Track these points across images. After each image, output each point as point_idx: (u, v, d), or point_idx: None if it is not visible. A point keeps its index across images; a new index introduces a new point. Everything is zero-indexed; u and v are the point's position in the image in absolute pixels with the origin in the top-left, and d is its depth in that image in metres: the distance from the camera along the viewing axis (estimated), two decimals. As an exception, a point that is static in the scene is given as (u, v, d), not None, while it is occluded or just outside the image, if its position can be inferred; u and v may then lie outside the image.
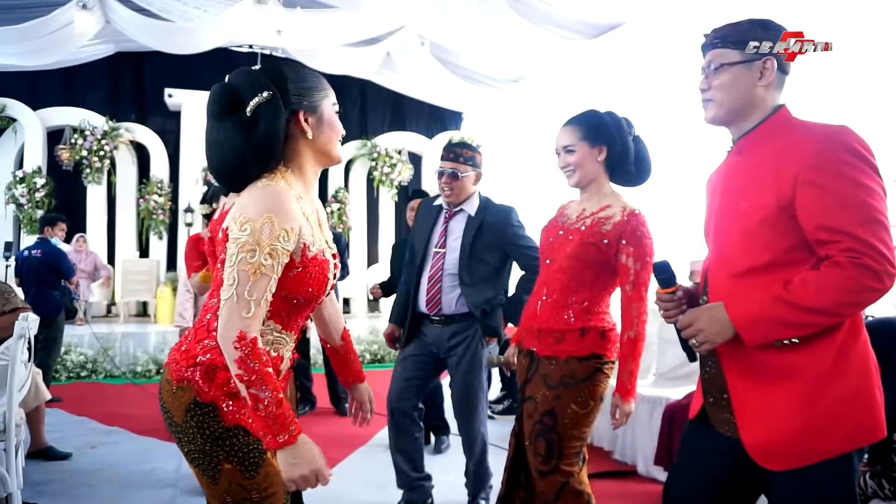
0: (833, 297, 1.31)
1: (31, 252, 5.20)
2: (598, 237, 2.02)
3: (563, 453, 2.02)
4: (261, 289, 1.28)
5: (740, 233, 1.45)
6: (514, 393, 4.96)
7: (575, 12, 6.49)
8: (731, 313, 1.39)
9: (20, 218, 7.77)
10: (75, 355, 6.19)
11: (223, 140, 1.35)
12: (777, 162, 1.40)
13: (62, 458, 3.71)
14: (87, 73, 8.33)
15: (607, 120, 2.10)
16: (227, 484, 1.36)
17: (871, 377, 1.38)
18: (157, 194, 8.20)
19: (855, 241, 1.31)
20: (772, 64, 1.45)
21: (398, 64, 8.19)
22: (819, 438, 1.35)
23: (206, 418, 1.34)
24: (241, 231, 1.28)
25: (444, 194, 2.75)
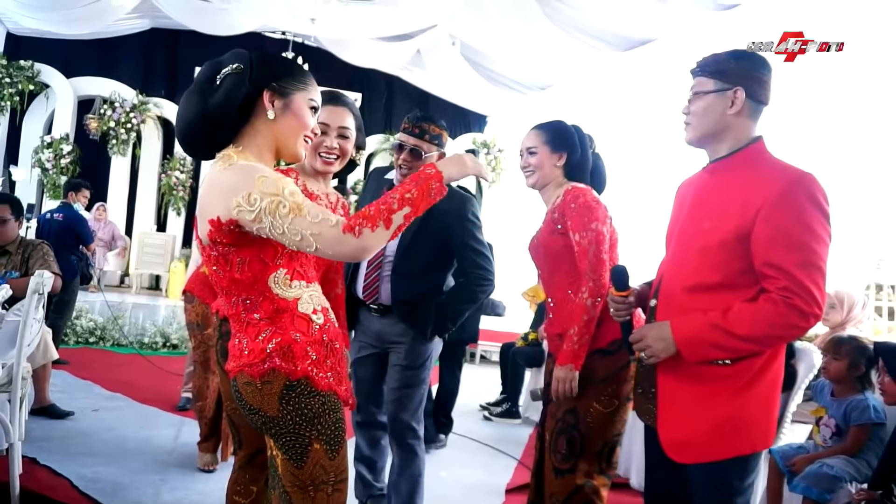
0: (763, 329, 1.51)
1: (53, 215, 5.30)
2: (552, 225, 2.11)
3: (584, 452, 2.00)
4: (315, 210, 1.30)
5: (698, 250, 1.62)
6: (514, 396, 4.96)
7: (608, 24, 6.49)
8: (674, 333, 1.59)
9: (44, 182, 7.90)
10: (85, 321, 6.29)
11: (186, 104, 1.41)
12: (744, 192, 1.55)
13: (63, 417, 3.78)
14: (122, 46, 8.44)
15: (571, 130, 2.21)
16: (313, 466, 1.39)
17: (775, 395, 1.62)
18: (180, 171, 8.30)
19: (792, 281, 1.48)
20: (741, 93, 1.59)
21: (427, 62, 8.22)
22: (725, 439, 1.56)
23: (303, 396, 1.38)
24: (253, 203, 1.28)
25: (402, 173, 2.39)
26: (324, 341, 1.44)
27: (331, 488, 1.41)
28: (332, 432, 1.42)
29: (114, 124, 8.03)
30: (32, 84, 7.91)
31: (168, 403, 4.34)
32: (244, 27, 7.46)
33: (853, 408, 2.49)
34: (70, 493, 2.75)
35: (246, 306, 1.40)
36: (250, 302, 1.40)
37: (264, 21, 7.39)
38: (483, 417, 4.90)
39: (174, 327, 6.55)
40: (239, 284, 1.39)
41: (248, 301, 1.40)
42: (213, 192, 1.35)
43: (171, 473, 3.13)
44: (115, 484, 2.91)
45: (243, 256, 1.37)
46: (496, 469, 3.71)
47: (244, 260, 1.37)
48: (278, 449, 1.42)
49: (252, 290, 1.39)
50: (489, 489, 3.37)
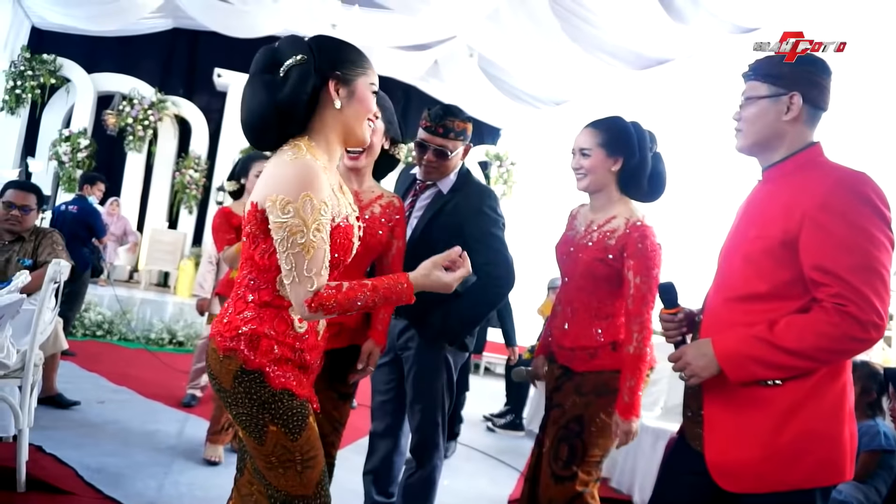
0: (813, 342, 1.34)
1: (68, 207, 5.34)
2: (603, 253, 2.00)
3: (584, 461, 1.99)
4: (318, 261, 1.36)
5: (743, 259, 1.49)
6: (518, 408, 4.95)
7: (627, 42, 6.53)
8: (715, 349, 1.44)
9: (60, 175, 7.98)
10: (94, 314, 6.31)
11: (251, 96, 1.41)
12: (791, 197, 1.43)
13: (69, 406, 3.79)
14: (143, 45, 8.55)
15: (630, 130, 2.04)
16: (273, 445, 1.42)
17: (842, 420, 1.40)
18: (194, 169, 8.36)
19: (845, 286, 1.32)
20: (798, 99, 1.47)
21: (444, 72, 8.29)
22: (778, 469, 1.38)
23: (254, 384, 1.41)
24: (284, 214, 1.32)
25: (426, 172, 2.27)
26: (295, 347, 1.46)
27: (300, 466, 1.43)
28: (288, 418, 1.43)
29: (131, 121, 8.12)
30: (54, 78, 8.01)
31: (173, 399, 4.34)
32: (264, 30, 7.55)
33: (863, 434, 2.47)
34: (75, 483, 2.75)
35: (249, 285, 1.45)
36: (253, 283, 1.45)
37: (285, 25, 7.47)
38: (487, 428, 4.89)
39: (181, 325, 6.57)
40: (254, 265, 1.44)
41: (252, 281, 1.45)
42: (266, 178, 1.40)
43: (174, 467, 3.14)
44: (119, 475, 2.91)
45: (269, 245, 1.40)
46: (499, 480, 3.70)
47: (267, 249, 1.41)
48: (235, 421, 1.47)
49: (260, 276, 1.44)
50: (492, 499, 3.36)
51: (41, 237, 3.22)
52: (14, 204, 3.11)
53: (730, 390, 1.45)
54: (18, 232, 3.16)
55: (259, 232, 1.41)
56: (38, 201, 3.18)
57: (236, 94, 8.31)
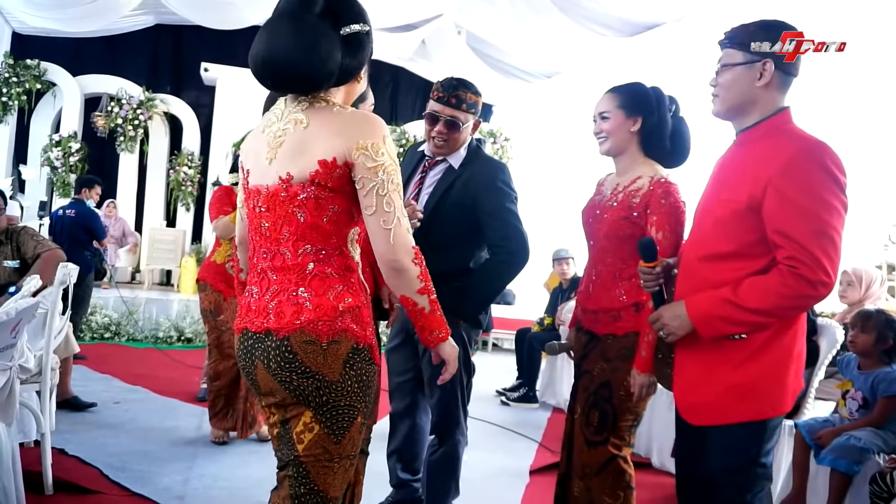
0: (773, 301, 1.52)
1: (66, 212, 5.32)
2: (628, 211, 2.02)
3: (616, 426, 2.01)
4: (402, 204, 1.34)
5: (714, 220, 1.65)
6: (531, 381, 4.99)
7: (614, 9, 6.47)
8: (688, 310, 1.62)
9: (53, 180, 7.92)
10: (100, 316, 6.32)
11: (310, 41, 1.28)
12: (758, 163, 1.57)
13: (86, 408, 3.81)
14: (127, 43, 8.45)
15: (648, 92, 2.09)
16: (349, 440, 1.36)
17: (788, 363, 1.61)
18: (188, 166, 8.31)
19: (798, 249, 1.49)
20: (770, 66, 1.59)
21: (433, 52, 8.21)
22: (733, 403, 1.60)
23: (364, 363, 1.36)
24: (379, 157, 1.29)
25: (436, 145, 2.23)
26: (372, 313, 1.44)
27: (349, 462, 1.39)
28: (370, 406, 1.42)
29: (121, 121, 8.04)
30: (39, 83, 7.91)
31: (188, 395, 4.37)
32: (250, 21, 7.45)
33: (880, 380, 2.50)
34: (101, 482, 2.78)
35: (319, 258, 1.34)
36: (325, 254, 1.34)
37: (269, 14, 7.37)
38: (500, 402, 4.92)
39: (188, 321, 6.58)
40: (319, 232, 1.33)
41: (322, 252, 1.34)
42: (327, 131, 1.31)
43: (197, 461, 3.16)
44: (144, 472, 2.93)
45: (338, 205, 1.33)
46: (518, 451, 3.73)
47: (336, 209, 1.33)
48: (317, 422, 1.34)
49: (328, 242, 1.35)
50: (512, 472, 3.39)
51: (17, 237, 3.20)
52: None
53: (699, 339, 1.63)
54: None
55: (329, 192, 1.31)
56: (2, 200, 3.18)
57: (225, 88, 8.23)
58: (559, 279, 5.40)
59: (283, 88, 1.38)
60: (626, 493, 2.03)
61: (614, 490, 2.01)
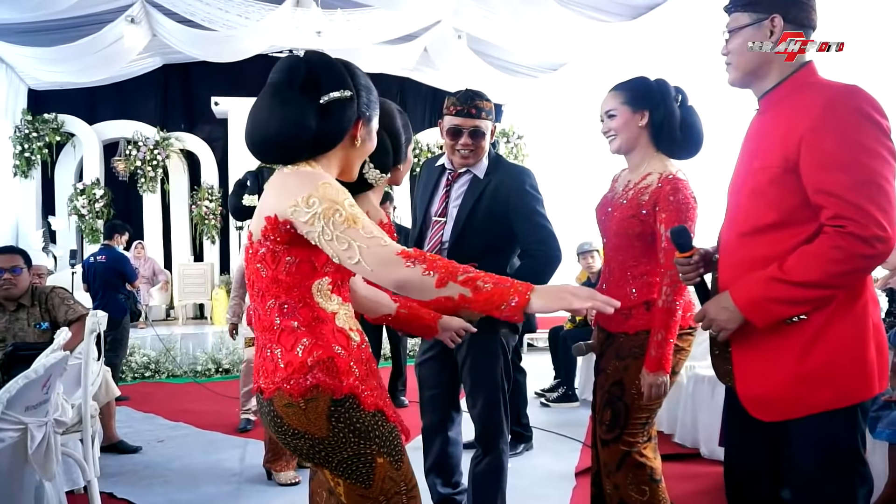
0: (823, 269, 1.34)
1: (97, 258, 5.43)
2: (637, 209, 1.99)
3: (628, 423, 2.00)
4: (371, 225, 1.26)
5: (749, 192, 1.49)
6: (569, 379, 4.92)
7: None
8: (735, 299, 1.45)
9: (82, 228, 8.12)
10: (139, 356, 6.44)
11: (287, 114, 1.32)
12: (787, 121, 1.42)
13: (133, 452, 3.87)
14: (138, 87, 8.63)
15: (652, 85, 2.05)
16: (381, 481, 1.32)
17: (866, 337, 1.41)
18: (209, 199, 8.44)
19: (843, 205, 1.33)
20: (779, 21, 1.46)
21: (436, 59, 8.21)
22: (807, 393, 1.41)
23: (352, 411, 1.29)
24: (310, 206, 1.24)
25: (462, 156, 2.26)
26: (363, 359, 1.37)
27: (405, 497, 1.34)
28: (391, 443, 1.34)
29: (140, 163, 8.22)
30: (58, 135, 8.13)
31: (229, 427, 4.41)
32: (252, 51, 7.55)
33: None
34: (150, 523, 2.81)
35: (283, 312, 1.33)
36: (288, 307, 1.33)
37: (271, 41, 7.46)
38: (540, 404, 4.87)
39: (224, 353, 6.66)
40: (280, 286, 1.33)
41: (285, 306, 1.33)
42: (275, 192, 1.32)
43: (243, 493, 3.18)
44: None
45: (294, 256, 1.32)
46: (563, 454, 3.68)
47: (294, 260, 1.32)
48: (338, 476, 1.32)
49: (292, 295, 1.33)
50: (560, 475, 3.34)
51: (46, 298, 3.13)
52: (3, 268, 3.05)
53: (753, 328, 1.46)
54: (16, 296, 3.09)
55: (282, 245, 1.31)
56: (25, 260, 3.16)
57: (237, 119, 8.35)
58: (587, 273, 5.33)
59: (267, 159, 1.39)
60: (651, 487, 1.99)
61: (638, 485, 1.99)
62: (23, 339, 3.05)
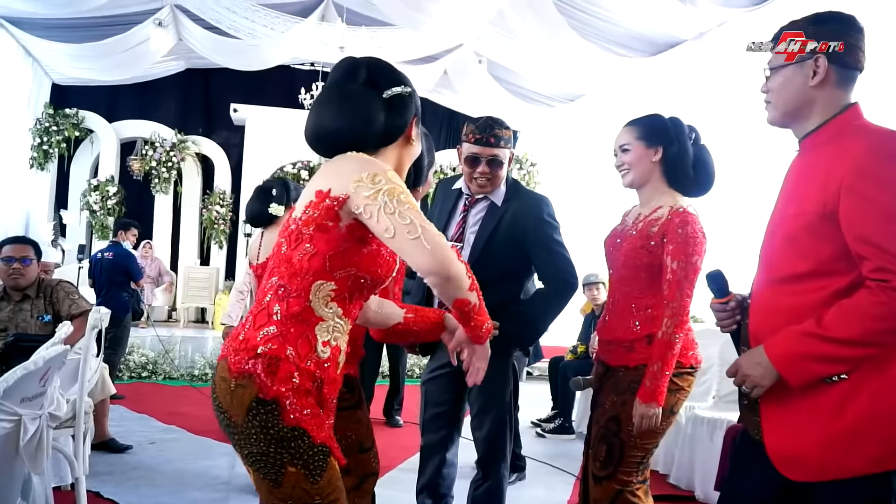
0: (864, 326, 1.27)
1: (104, 254, 5.46)
2: (646, 240, 1.99)
3: (622, 460, 1.97)
4: (424, 217, 1.28)
5: (783, 238, 1.43)
6: (566, 411, 4.87)
7: (635, 29, 6.45)
8: (769, 354, 1.37)
9: (93, 224, 8.18)
10: (137, 356, 6.43)
11: (354, 107, 1.38)
12: (828, 165, 1.35)
13: (123, 451, 3.84)
14: (159, 88, 8.77)
15: (667, 122, 2.08)
16: (291, 488, 1.29)
17: None
18: (220, 205, 8.50)
19: (887, 257, 1.25)
20: (823, 61, 1.39)
21: (455, 82, 8.29)
22: (842, 454, 1.31)
23: (270, 416, 1.26)
24: (375, 183, 1.26)
25: (479, 185, 2.26)
26: (314, 376, 1.31)
27: None
28: (309, 457, 1.28)
29: (155, 164, 8.29)
30: (77, 130, 8.23)
31: (222, 434, 4.35)
32: (275, 61, 7.66)
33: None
34: (135, 526, 2.78)
35: (277, 294, 1.33)
36: (283, 291, 1.32)
37: (294, 53, 7.57)
38: (536, 434, 4.82)
39: (222, 358, 6.64)
40: (288, 268, 1.33)
41: (282, 289, 1.33)
42: (332, 171, 1.34)
43: (230, 501, 3.15)
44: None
45: (315, 245, 1.31)
46: (555, 486, 3.63)
47: (311, 250, 1.31)
48: (246, 462, 1.31)
49: (293, 281, 1.32)
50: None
51: (51, 291, 3.15)
52: (13, 257, 3.08)
53: (785, 382, 1.38)
54: (23, 287, 3.11)
55: (315, 226, 1.30)
56: (35, 251, 3.19)
57: (254, 127, 8.44)
58: (591, 305, 5.31)
59: (332, 154, 1.41)
60: None
61: None
62: (24, 329, 3.06)
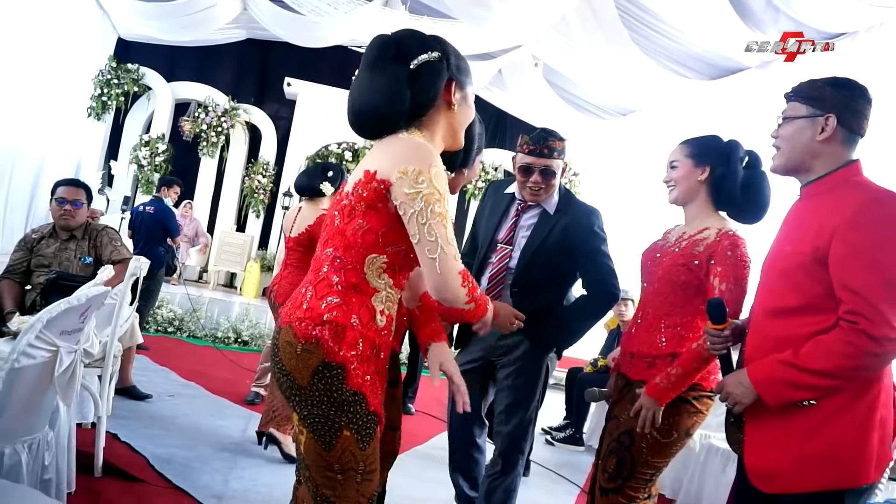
0: (834, 362, 1.43)
1: (146, 208, 5.60)
2: (689, 258, 1.98)
3: (632, 476, 1.97)
4: (451, 233, 1.34)
5: (779, 273, 1.59)
6: (578, 423, 4.84)
7: (698, 50, 6.36)
8: (750, 377, 1.55)
9: (139, 178, 8.38)
10: (166, 311, 6.58)
11: (381, 84, 1.38)
12: (824, 214, 1.50)
13: (143, 398, 3.95)
14: (218, 54, 8.92)
15: (720, 143, 2.07)
16: (341, 452, 1.34)
17: (870, 429, 1.47)
18: (262, 175, 8.63)
19: (860, 302, 1.40)
20: (833, 121, 1.55)
21: (508, 82, 8.27)
22: (808, 472, 1.49)
23: (335, 381, 1.32)
24: (418, 184, 1.29)
25: (532, 192, 2.36)
26: (375, 343, 1.39)
27: (360, 476, 1.36)
28: (363, 423, 1.35)
29: (205, 127, 8.46)
30: (137, 86, 8.44)
31: (238, 396, 4.47)
32: (334, 40, 7.73)
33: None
34: (147, 471, 2.86)
35: (334, 264, 1.38)
36: (339, 263, 1.37)
37: (353, 35, 7.63)
38: (545, 441, 4.80)
39: (246, 324, 6.76)
40: (342, 240, 1.38)
41: (337, 260, 1.38)
42: (385, 152, 1.37)
43: (238, 462, 3.21)
44: (188, 467, 3.00)
45: (367, 222, 1.36)
46: (557, 494, 3.62)
47: (363, 225, 1.36)
48: (303, 425, 1.36)
49: (347, 253, 1.37)
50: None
51: (96, 235, 3.26)
52: (66, 199, 3.18)
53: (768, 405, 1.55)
54: (72, 227, 3.22)
55: (365, 204, 1.35)
56: (87, 196, 3.28)
57: (305, 103, 8.55)
58: (617, 321, 5.26)
59: (370, 135, 1.44)
60: None
61: None
62: (66, 269, 3.16)
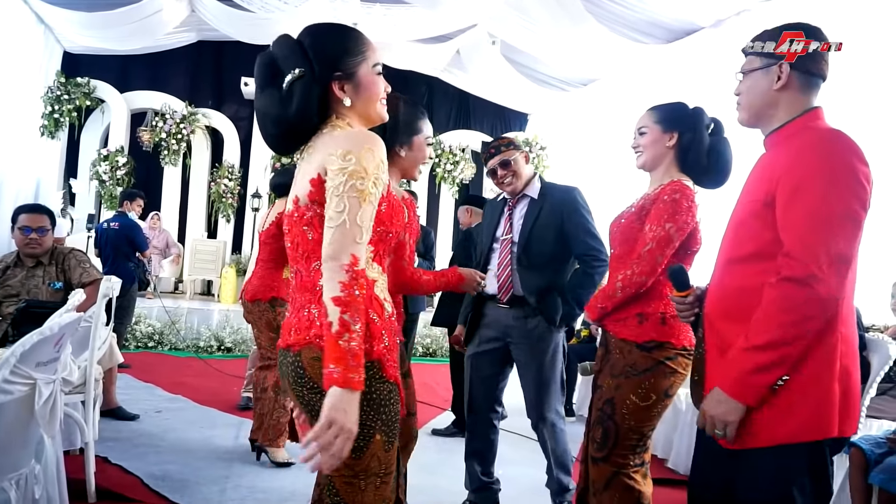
0: (776, 325, 1.36)
1: (110, 224, 5.48)
2: (641, 211, 2.06)
3: (617, 443, 2.02)
4: (367, 216, 1.27)
5: (735, 223, 1.58)
6: (568, 394, 4.91)
7: (650, 15, 6.38)
8: (724, 388, 1.45)
9: (101, 193, 8.20)
10: (144, 326, 6.49)
11: (266, 110, 1.38)
12: (777, 161, 1.49)
13: (131, 419, 3.91)
14: (170, 60, 8.72)
15: (687, 110, 2.12)
16: (370, 458, 1.33)
17: (829, 379, 1.40)
18: (228, 178, 8.51)
19: (793, 244, 1.37)
20: (786, 67, 1.53)
21: (467, 62, 8.23)
22: (769, 424, 1.42)
23: (373, 380, 1.31)
24: (345, 161, 1.26)
25: (506, 184, 2.69)
26: (392, 330, 1.40)
27: (379, 480, 1.36)
28: (391, 423, 1.36)
29: (165, 135, 8.29)
30: (89, 100, 8.22)
31: (226, 404, 4.44)
32: (287, 35, 7.59)
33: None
34: (141, 491, 2.84)
35: None
36: None
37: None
38: (536, 416, 4.86)
39: (227, 331, 6.71)
40: None
41: None
42: (319, 151, 1.34)
43: (234, 471, 3.21)
44: (183, 481, 2.99)
45: None
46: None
47: None
48: None
49: None
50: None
51: (63, 259, 3.19)
52: (30, 227, 3.11)
53: (727, 358, 1.49)
54: (39, 255, 3.15)
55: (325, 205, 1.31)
56: (51, 221, 3.21)
57: (264, 101, 8.42)
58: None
59: (291, 150, 1.43)
60: None
61: None
62: (35, 296, 3.10)
